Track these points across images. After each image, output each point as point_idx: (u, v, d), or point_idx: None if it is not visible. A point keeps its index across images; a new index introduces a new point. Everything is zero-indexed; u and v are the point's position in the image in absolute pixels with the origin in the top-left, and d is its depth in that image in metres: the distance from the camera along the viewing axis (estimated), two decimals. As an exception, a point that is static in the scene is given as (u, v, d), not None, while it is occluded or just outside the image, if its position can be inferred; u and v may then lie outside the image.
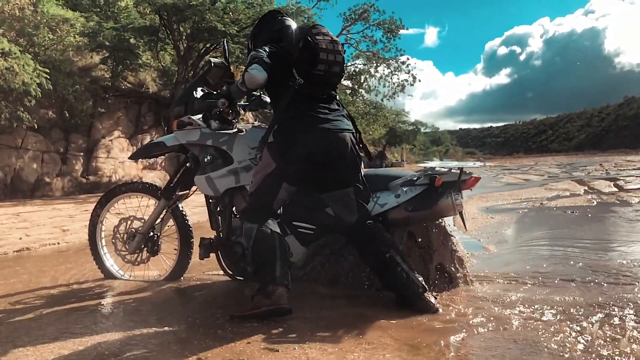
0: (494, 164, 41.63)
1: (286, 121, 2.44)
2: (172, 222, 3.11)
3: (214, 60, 2.84)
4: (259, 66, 2.39)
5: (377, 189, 2.65)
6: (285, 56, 2.47)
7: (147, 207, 3.18)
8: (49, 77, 10.46)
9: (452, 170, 2.65)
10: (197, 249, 2.88)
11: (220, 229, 2.84)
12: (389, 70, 24.12)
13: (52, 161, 11.96)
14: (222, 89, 2.74)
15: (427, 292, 2.39)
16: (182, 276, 3.14)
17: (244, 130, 2.83)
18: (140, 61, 14.55)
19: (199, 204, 3.42)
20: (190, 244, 3.07)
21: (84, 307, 2.59)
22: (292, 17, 3.12)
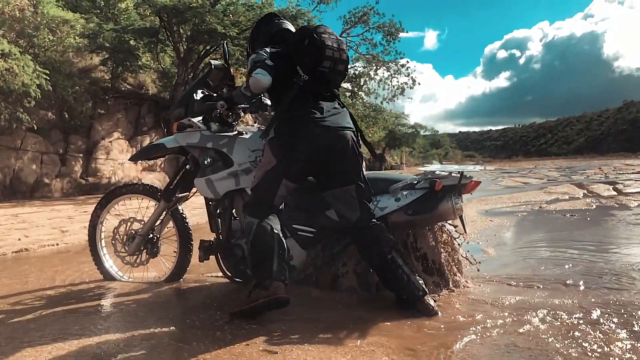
0: (493, 167, 41.67)
1: (288, 117, 2.44)
2: (171, 224, 3.11)
3: (214, 62, 2.84)
4: (263, 70, 2.40)
5: (378, 192, 2.65)
6: (286, 56, 2.48)
7: (147, 209, 3.18)
8: (48, 78, 10.46)
9: (452, 174, 2.65)
10: (196, 251, 2.89)
11: (219, 232, 2.84)
12: (389, 73, 24.15)
13: (51, 162, 11.95)
14: (221, 91, 2.75)
15: (427, 295, 2.40)
16: (181, 278, 3.14)
17: (244, 132, 2.83)
18: (140, 63, 14.56)
19: (198, 205, 3.42)
20: (189, 246, 3.07)
21: (82, 309, 2.59)
22: (292, 19, 3.12)
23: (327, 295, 2.67)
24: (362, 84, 24.05)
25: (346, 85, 23.88)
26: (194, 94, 2.84)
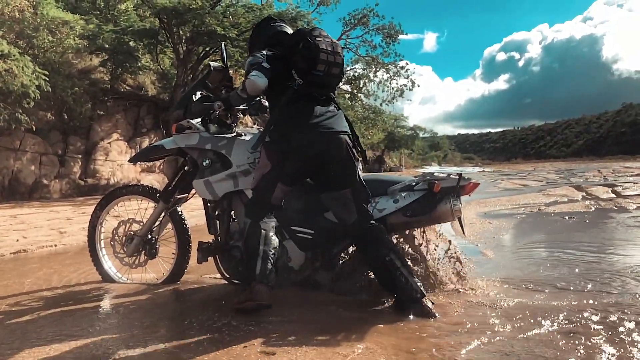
0: (492, 169, 41.68)
1: (282, 121, 2.45)
2: (170, 225, 3.11)
3: (214, 64, 2.85)
4: (260, 72, 2.41)
5: (376, 194, 2.65)
6: (283, 59, 2.48)
7: (146, 210, 3.18)
8: (48, 79, 10.45)
9: (450, 175, 2.66)
10: (195, 252, 2.88)
11: (218, 233, 2.84)
12: (388, 75, 24.19)
13: (50, 163, 11.93)
14: (220, 93, 2.76)
15: (425, 297, 2.40)
16: (180, 279, 3.13)
17: (243, 134, 2.83)
18: (139, 64, 14.56)
19: (197, 207, 3.41)
20: (188, 247, 3.07)
21: (80, 310, 2.59)
22: (292, 21, 3.12)
23: (326, 296, 2.67)
24: (361, 85, 24.10)
25: (346, 87, 23.92)
26: (193, 96, 2.84)
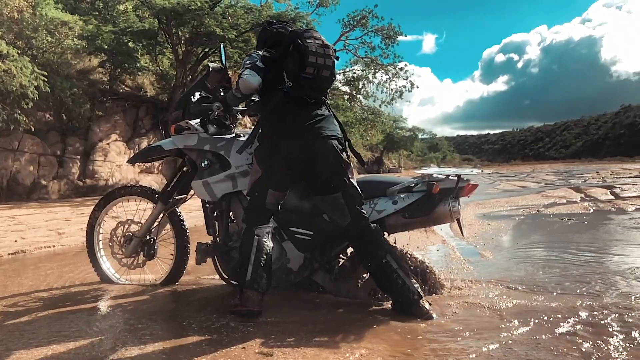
0: (491, 170, 41.71)
1: (268, 126, 2.44)
2: (169, 226, 3.11)
3: (213, 64, 2.84)
4: (252, 71, 2.40)
5: (375, 195, 2.65)
6: (277, 61, 2.48)
7: (145, 211, 3.18)
8: (46, 79, 10.44)
9: (449, 177, 2.65)
10: (193, 253, 2.88)
11: (217, 234, 2.83)
12: (387, 76, 24.15)
13: (48, 164, 11.91)
14: (218, 94, 2.75)
15: (422, 299, 2.40)
16: (178, 280, 3.13)
17: (241, 135, 2.83)
18: (138, 65, 14.54)
19: (195, 208, 3.41)
20: (186, 248, 3.07)
21: (78, 310, 2.58)
22: (291, 23, 3.12)
23: (324, 298, 2.67)
24: (360, 87, 24.07)
25: (344, 88, 23.91)
26: (192, 97, 2.84)
